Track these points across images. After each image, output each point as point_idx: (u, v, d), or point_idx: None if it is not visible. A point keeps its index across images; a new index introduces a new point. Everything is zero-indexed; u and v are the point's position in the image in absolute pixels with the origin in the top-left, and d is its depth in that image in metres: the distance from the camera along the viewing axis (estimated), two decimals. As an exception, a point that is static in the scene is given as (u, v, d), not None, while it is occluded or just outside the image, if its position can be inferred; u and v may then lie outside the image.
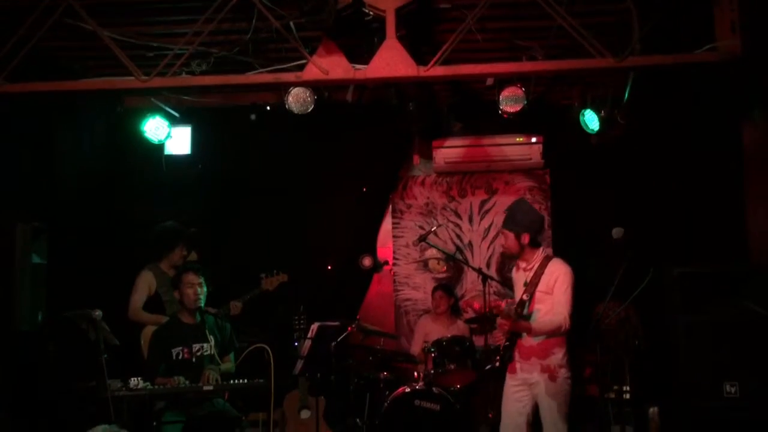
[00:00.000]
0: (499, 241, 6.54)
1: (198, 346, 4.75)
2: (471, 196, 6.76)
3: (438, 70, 4.15)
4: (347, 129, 6.36)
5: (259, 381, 4.47)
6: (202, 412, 4.58)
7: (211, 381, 4.51)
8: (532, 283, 4.40)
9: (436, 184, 6.80)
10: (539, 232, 4.55)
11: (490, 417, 5.03)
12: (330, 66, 4.16)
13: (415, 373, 5.71)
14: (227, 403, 4.76)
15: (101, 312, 4.38)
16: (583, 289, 4.58)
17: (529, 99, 4.99)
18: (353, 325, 5.60)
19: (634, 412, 4.82)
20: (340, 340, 5.50)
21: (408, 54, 4.16)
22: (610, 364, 4.14)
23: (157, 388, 4.38)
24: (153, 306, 5.49)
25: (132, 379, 4.28)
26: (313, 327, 5.30)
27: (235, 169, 6.54)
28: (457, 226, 6.75)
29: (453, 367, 5.41)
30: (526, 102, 4.96)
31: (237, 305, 5.55)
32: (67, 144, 5.68)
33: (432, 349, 5.46)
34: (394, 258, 6.80)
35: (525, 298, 4.40)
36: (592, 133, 5.75)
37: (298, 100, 4.99)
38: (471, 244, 6.73)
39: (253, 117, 6.06)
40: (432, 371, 5.40)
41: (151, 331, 5.22)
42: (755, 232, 4.21)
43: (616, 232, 4.02)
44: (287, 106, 5.01)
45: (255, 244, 6.43)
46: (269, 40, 4.64)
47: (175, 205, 6.27)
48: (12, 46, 4.18)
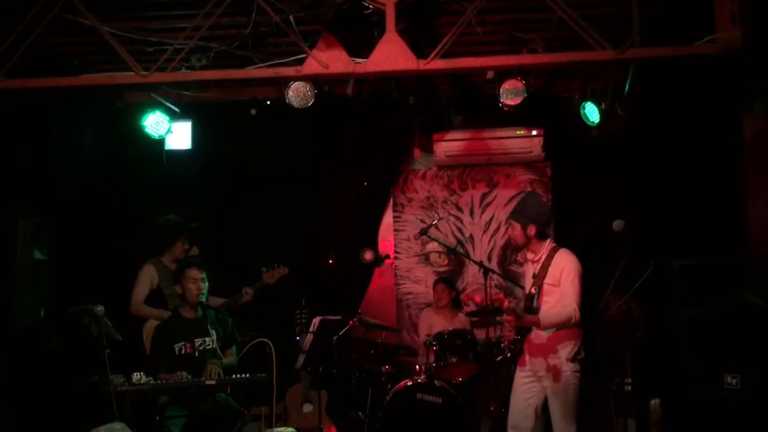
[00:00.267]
0: (500, 234, 6.57)
1: (200, 341, 4.76)
2: (472, 189, 6.76)
3: (438, 64, 4.14)
4: (347, 123, 6.35)
5: (262, 375, 4.48)
6: (204, 406, 4.60)
7: (214, 375, 4.52)
8: (540, 276, 4.40)
9: (436, 177, 6.80)
10: (547, 225, 4.55)
11: (492, 410, 5.04)
12: (330, 60, 4.16)
13: (416, 367, 5.72)
14: (230, 398, 4.77)
15: (103, 307, 4.39)
16: (585, 282, 4.60)
17: (529, 92, 4.97)
18: (355, 319, 5.61)
19: (635, 404, 4.83)
20: (341, 333, 5.51)
21: (408, 47, 4.16)
22: (612, 356, 4.14)
23: (159, 383, 4.40)
24: (155, 300, 5.50)
25: (134, 374, 4.30)
26: (315, 321, 5.30)
27: (235, 163, 6.54)
28: (458, 219, 6.76)
29: (455, 360, 5.42)
30: (526, 95, 4.95)
31: (249, 291, 5.57)
32: (67, 140, 5.68)
33: (433, 342, 5.48)
34: (396, 252, 6.80)
35: (533, 291, 4.40)
36: (593, 125, 5.74)
37: (298, 94, 4.98)
38: (472, 238, 6.73)
39: (253, 111, 6.05)
40: (434, 364, 5.41)
41: (153, 325, 5.23)
42: (755, 224, 4.21)
43: (617, 224, 4.02)
44: (287, 101, 5.01)
45: (256, 238, 6.44)
46: (269, 34, 4.63)
47: (175, 199, 6.28)
48: (11, 42, 4.17)
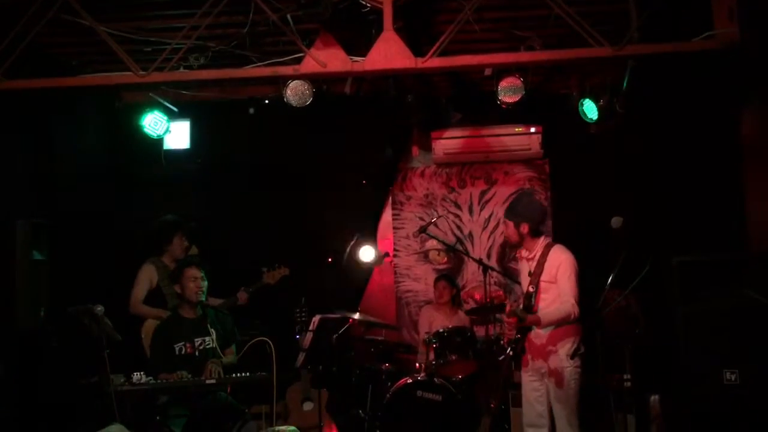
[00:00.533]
0: (499, 231, 6.57)
1: (200, 340, 4.77)
2: (471, 186, 6.76)
3: (436, 62, 4.14)
4: (346, 121, 6.35)
5: (262, 374, 4.49)
6: (205, 405, 4.60)
7: (214, 374, 4.53)
8: (536, 273, 4.42)
9: (435, 175, 6.80)
10: (540, 222, 4.58)
11: (492, 407, 5.05)
12: (328, 59, 4.16)
13: (416, 364, 5.73)
14: (230, 397, 4.78)
15: (103, 307, 4.39)
16: (583, 279, 4.60)
17: (527, 89, 4.97)
18: (354, 317, 5.61)
19: (635, 401, 4.84)
20: (341, 332, 5.52)
21: (406, 46, 4.16)
22: (611, 353, 4.14)
23: (159, 382, 4.40)
24: (155, 299, 5.50)
25: (135, 374, 4.30)
26: (315, 319, 5.31)
27: (234, 162, 6.55)
28: (457, 216, 6.76)
29: (454, 357, 5.43)
30: (524, 92, 4.95)
31: (244, 294, 5.57)
32: (66, 140, 5.67)
33: (433, 340, 5.48)
34: (395, 249, 6.80)
35: (531, 289, 4.42)
36: (591, 122, 5.74)
37: (296, 93, 4.97)
38: (471, 235, 6.73)
39: (251, 111, 6.05)
40: (433, 362, 5.42)
41: (151, 324, 5.23)
42: (754, 220, 4.21)
43: (615, 221, 4.03)
44: (286, 100, 5.00)
45: (255, 237, 6.44)
46: (267, 33, 4.63)
47: (174, 199, 6.28)
48: (9, 43, 4.17)
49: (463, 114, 6.37)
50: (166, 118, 5.99)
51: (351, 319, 5.59)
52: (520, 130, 6.35)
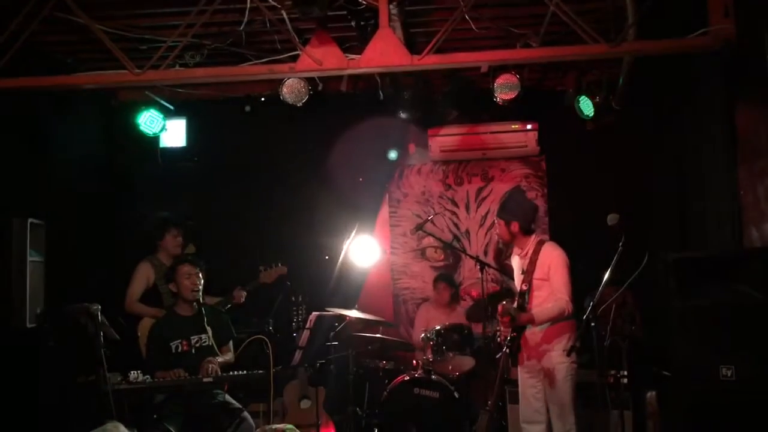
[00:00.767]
0: (496, 228, 6.58)
1: (196, 338, 4.76)
2: (467, 184, 6.76)
3: (432, 59, 4.13)
4: (342, 119, 6.35)
5: (259, 372, 4.49)
6: (202, 404, 4.60)
7: (211, 373, 4.53)
8: (529, 271, 4.44)
9: (432, 172, 6.80)
10: (531, 220, 4.60)
11: (489, 404, 5.06)
12: (323, 56, 4.15)
13: (414, 362, 5.74)
14: (227, 395, 4.78)
15: (100, 306, 4.39)
16: (580, 276, 4.61)
17: (523, 86, 4.98)
18: (351, 315, 5.61)
19: (632, 397, 4.85)
20: (338, 329, 5.52)
21: (401, 43, 4.15)
22: (608, 349, 4.16)
23: (157, 381, 4.40)
24: (152, 298, 5.50)
25: (132, 372, 4.30)
26: (312, 317, 5.31)
27: (230, 160, 6.55)
28: (453, 214, 6.76)
29: (452, 354, 5.44)
30: (520, 89, 4.95)
31: (241, 293, 5.56)
32: (61, 138, 5.65)
33: (431, 337, 5.49)
34: (392, 247, 6.80)
35: (525, 287, 4.44)
36: (587, 119, 5.75)
37: (292, 90, 4.97)
38: (468, 232, 6.74)
39: (247, 108, 6.05)
40: (431, 359, 5.42)
41: (148, 323, 5.23)
42: (749, 216, 4.22)
43: (612, 218, 4.03)
44: (282, 97, 5.00)
45: (252, 234, 6.45)
46: (262, 31, 4.62)
47: (171, 197, 6.28)
48: (4, 41, 4.15)
49: (460, 111, 6.37)
50: (161, 116, 5.98)
51: (348, 317, 5.59)
52: (516, 127, 6.36)
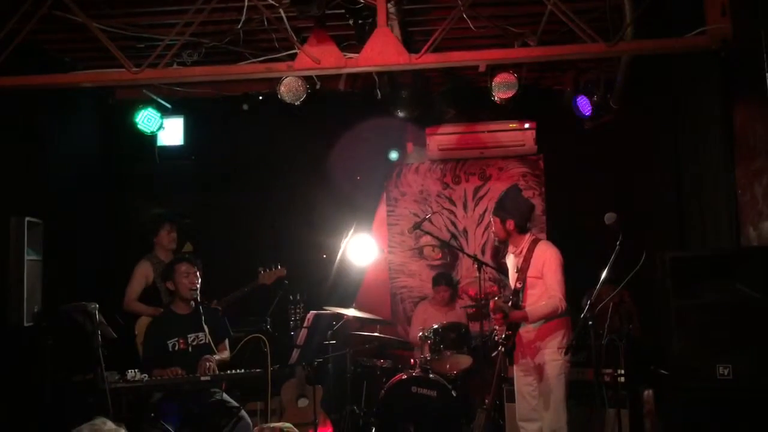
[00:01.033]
0: (490, 227, 6.59)
1: (193, 336, 4.77)
2: (465, 182, 6.77)
3: (430, 58, 4.12)
4: (340, 117, 6.35)
5: (257, 371, 4.49)
6: (199, 402, 4.60)
7: (209, 371, 4.53)
8: (523, 269, 4.46)
9: (430, 171, 6.80)
10: (527, 219, 4.61)
11: (487, 402, 5.06)
12: (321, 55, 4.14)
13: (411, 360, 5.74)
14: (225, 393, 4.78)
15: (97, 305, 4.39)
16: (577, 274, 4.62)
17: (521, 85, 4.98)
18: (349, 314, 5.62)
19: (628, 395, 4.86)
20: (336, 328, 5.52)
21: (399, 42, 4.15)
22: (605, 348, 4.16)
23: (154, 379, 4.40)
24: (151, 297, 5.49)
25: (129, 371, 4.30)
26: (310, 316, 5.31)
27: (228, 159, 6.54)
28: (451, 212, 6.77)
29: (449, 353, 5.44)
30: (518, 88, 4.96)
31: (227, 300, 5.55)
32: (59, 137, 5.65)
33: (428, 336, 5.49)
34: (389, 246, 6.81)
35: (519, 285, 4.45)
36: (585, 118, 5.76)
37: (290, 89, 4.97)
38: (466, 231, 6.74)
39: (245, 107, 6.05)
40: (428, 358, 5.43)
41: (146, 322, 5.23)
42: (747, 215, 4.22)
43: (609, 217, 4.04)
44: (280, 96, 5.00)
45: (249, 233, 6.45)
46: (260, 29, 4.62)
47: (168, 196, 6.27)
48: (1, 39, 4.14)
49: (458, 110, 6.38)
50: (159, 114, 5.98)
51: (345, 316, 5.59)
52: (514, 126, 6.36)
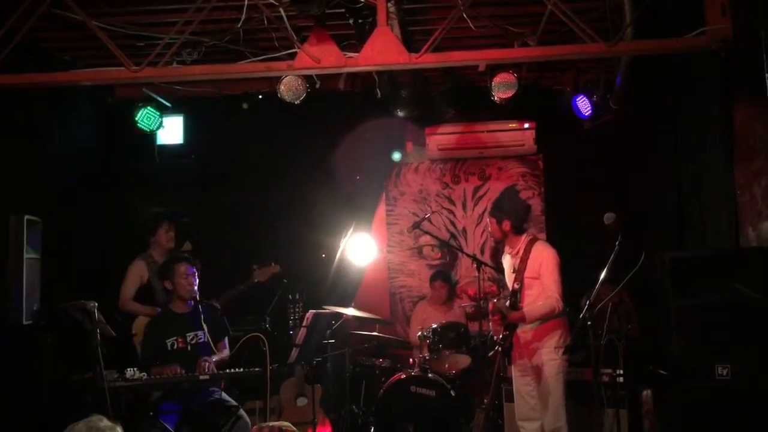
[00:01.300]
0: (487, 227, 6.60)
1: (192, 335, 4.77)
2: (464, 182, 6.77)
3: (430, 57, 4.12)
4: (340, 117, 6.35)
5: (255, 370, 4.49)
6: (198, 401, 4.60)
7: (207, 370, 4.53)
8: (520, 270, 4.47)
9: (429, 170, 6.81)
10: (523, 220, 4.63)
11: (486, 402, 5.07)
12: (322, 54, 4.14)
13: (410, 360, 5.74)
14: (223, 392, 4.78)
15: (96, 303, 4.39)
16: (577, 274, 4.62)
17: (521, 85, 4.98)
18: (348, 313, 5.62)
19: (627, 395, 4.87)
20: (335, 327, 5.52)
21: (399, 41, 4.15)
22: (604, 348, 4.17)
23: (153, 378, 4.40)
24: (146, 296, 5.48)
25: (128, 369, 4.30)
26: (309, 315, 5.31)
27: (228, 157, 6.54)
28: (450, 212, 6.77)
29: (448, 353, 5.44)
30: (518, 88, 4.95)
31: (227, 296, 5.55)
32: (59, 135, 5.65)
33: (427, 336, 5.49)
34: (389, 245, 6.81)
35: (516, 286, 4.47)
36: (585, 118, 5.76)
37: (290, 88, 4.96)
38: (465, 231, 6.74)
39: (245, 106, 6.04)
40: (427, 357, 5.43)
41: (143, 320, 5.23)
42: (746, 215, 4.23)
43: (608, 217, 4.05)
44: (279, 95, 4.99)
45: (249, 232, 6.44)
46: (260, 29, 4.62)
47: (168, 194, 6.27)
48: (1, 38, 4.14)
49: (457, 110, 6.38)
50: (159, 113, 5.97)
51: (345, 315, 5.59)
52: (513, 126, 6.36)
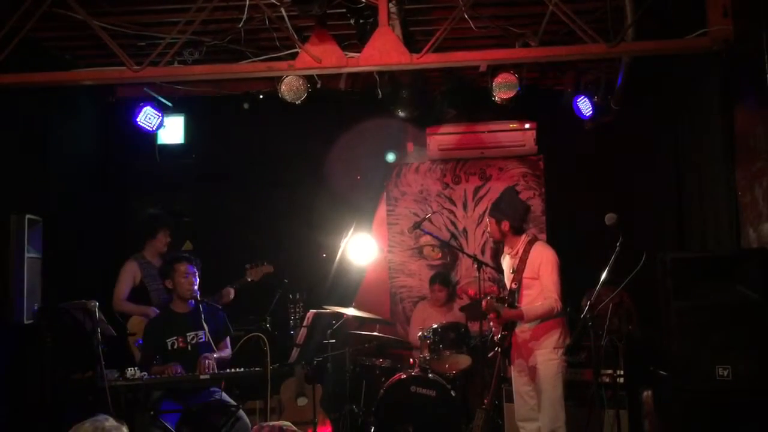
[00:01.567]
0: (486, 227, 6.61)
1: (192, 334, 4.77)
2: (465, 182, 6.77)
3: (431, 58, 4.13)
4: (340, 117, 6.35)
5: (256, 369, 4.50)
6: (198, 401, 4.61)
7: (208, 370, 4.53)
8: (519, 270, 4.48)
9: (430, 171, 6.80)
10: (522, 220, 4.63)
11: (486, 402, 5.06)
12: (323, 54, 4.14)
13: (410, 360, 5.74)
14: (224, 392, 4.78)
15: (97, 302, 4.39)
16: (577, 275, 4.62)
17: (522, 85, 4.98)
18: (349, 313, 5.62)
19: (627, 396, 4.87)
20: (336, 327, 5.52)
21: (401, 42, 4.15)
22: (604, 349, 4.17)
23: (154, 378, 4.40)
24: (140, 296, 5.48)
25: (129, 369, 4.30)
26: (309, 315, 5.31)
27: (228, 157, 6.54)
28: (451, 212, 6.77)
29: (449, 353, 5.44)
30: (519, 88, 4.95)
31: (230, 291, 5.56)
32: (59, 135, 5.65)
33: (428, 336, 5.49)
34: (389, 245, 6.81)
35: (514, 286, 4.48)
36: (586, 118, 5.76)
37: (291, 88, 4.95)
38: (465, 231, 6.74)
39: (246, 106, 6.05)
40: (428, 357, 5.43)
41: (137, 320, 5.23)
42: (747, 216, 4.23)
43: (609, 218, 4.04)
44: (280, 95, 4.99)
45: (249, 232, 6.44)
46: (262, 28, 4.62)
47: (168, 194, 6.27)
48: (2, 37, 4.14)
49: (458, 110, 6.38)
50: (160, 113, 5.97)
51: (345, 315, 5.59)
52: (514, 126, 6.36)
